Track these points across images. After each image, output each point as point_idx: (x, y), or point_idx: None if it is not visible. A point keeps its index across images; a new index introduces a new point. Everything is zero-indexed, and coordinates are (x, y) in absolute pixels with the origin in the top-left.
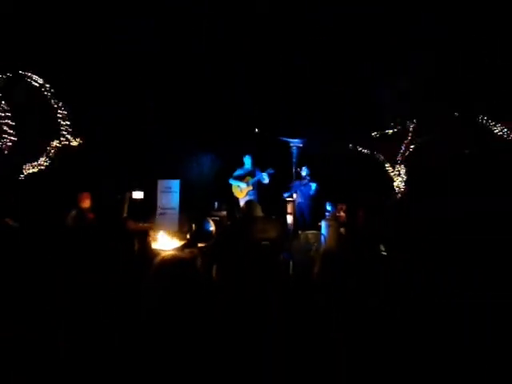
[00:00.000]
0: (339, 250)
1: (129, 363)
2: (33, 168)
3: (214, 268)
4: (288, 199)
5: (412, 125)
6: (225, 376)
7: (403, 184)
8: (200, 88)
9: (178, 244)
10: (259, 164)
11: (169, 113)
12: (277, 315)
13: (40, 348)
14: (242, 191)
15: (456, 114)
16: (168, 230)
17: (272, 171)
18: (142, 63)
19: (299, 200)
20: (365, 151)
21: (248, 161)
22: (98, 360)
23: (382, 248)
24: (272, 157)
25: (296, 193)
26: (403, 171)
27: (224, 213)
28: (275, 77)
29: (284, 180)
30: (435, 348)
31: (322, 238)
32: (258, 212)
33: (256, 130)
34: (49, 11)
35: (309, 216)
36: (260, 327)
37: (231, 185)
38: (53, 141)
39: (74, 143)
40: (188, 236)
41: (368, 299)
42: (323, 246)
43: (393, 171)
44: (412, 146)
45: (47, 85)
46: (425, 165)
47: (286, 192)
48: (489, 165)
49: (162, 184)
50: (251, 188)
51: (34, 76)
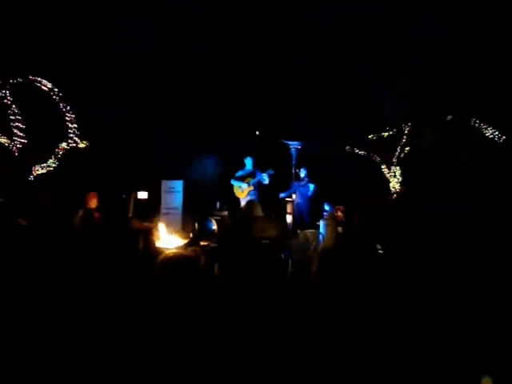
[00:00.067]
0: (337, 249)
1: (124, 362)
2: (42, 169)
3: (216, 266)
4: (287, 199)
5: (407, 127)
6: (225, 375)
7: (399, 185)
8: (200, 88)
9: (181, 242)
10: (259, 165)
11: (169, 113)
12: (277, 314)
13: (30, 348)
14: (243, 191)
15: (449, 118)
16: (171, 229)
17: (272, 172)
18: (142, 63)
19: (298, 200)
20: (361, 153)
21: (249, 162)
22: (91, 360)
23: (379, 247)
24: (272, 158)
25: (295, 193)
26: (398, 172)
27: (226, 212)
28: (275, 77)
29: (283, 181)
30: (435, 348)
31: (320, 237)
32: (259, 212)
33: (257, 133)
34: (49, 11)
35: (307, 216)
36: (260, 326)
37: (233, 185)
38: (61, 143)
39: (82, 145)
40: (191, 235)
41: (366, 298)
42: (321, 245)
43: (389, 172)
44: (407, 148)
45: (56, 89)
46: (420, 166)
47: (283, 192)
48: (481, 167)
49: (166, 184)
50: (252, 188)
51: (44, 80)
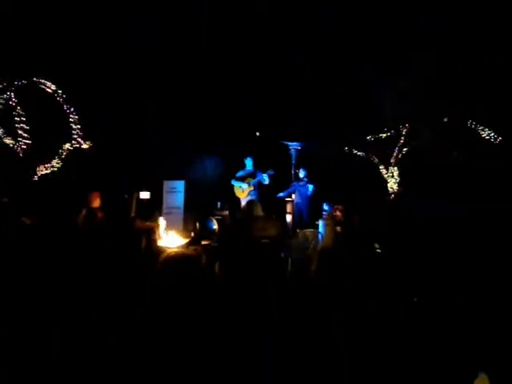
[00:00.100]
0: (335, 248)
1: (126, 362)
2: (46, 169)
3: (217, 265)
4: (287, 199)
5: (405, 129)
6: (225, 375)
7: (396, 185)
8: (200, 88)
9: (183, 241)
10: (260, 166)
11: (169, 113)
12: (277, 313)
13: (33, 348)
14: (244, 191)
15: (445, 120)
16: (173, 228)
17: (272, 172)
18: (142, 63)
19: (297, 200)
20: (360, 153)
21: (249, 163)
22: (93, 359)
23: (377, 246)
24: (272, 159)
25: (294, 193)
26: (396, 173)
27: (226, 212)
28: (275, 77)
29: (283, 181)
30: (435, 347)
31: (319, 236)
32: (259, 211)
33: (257, 134)
34: (49, 11)
35: (307, 215)
36: (260, 325)
37: (233, 185)
38: (65, 144)
39: (85, 146)
40: (192, 234)
41: (365, 298)
42: (320, 244)
43: (386, 173)
44: (405, 149)
45: (60, 91)
46: (417, 167)
47: (281, 192)
48: (477, 167)
49: (168, 184)
50: (252, 188)
51: (48, 82)
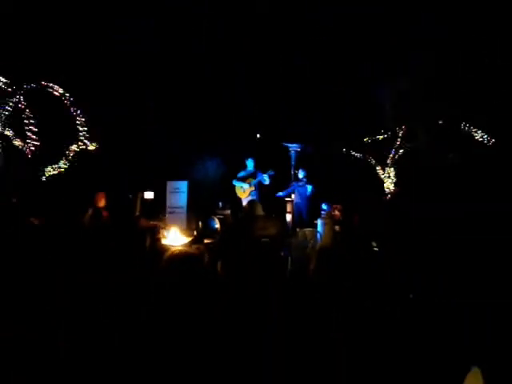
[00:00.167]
0: (334, 247)
1: (130, 362)
2: (53, 170)
3: (219, 263)
4: (287, 199)
5: (401, 130)
6: (226, 374)
7: (393, 185)
8: (200, 88)
9: (186, 240)
10: (260, 166)
11: (169, 113)
12: (277, 311)
13: (40, 348)
14: (245, 191)
15: (440, 122)
16: (177, 227)
17: (272, 173)
18: (142, 63)
19: (297, 200)
20: (357, 154)
21: (250, 163)
22: (99, 359)
23: (374, 244)
24: (272, 160)
25: (294, 193)
26: (393, 173)
27: (228, 211)
28: (275, 77)
29: (283, 181)
30: (434, 347)
31: (318, 235)
32: (259, 211)
33: (258, 136)
34: (49, 11)
35: (306, 215)
36: (261, 323)
37: (235, 186)
38: (72, 145)
39: (91, 147)
40: (195, 233)
41: (363, 297)
42: (319, 243)
43: (383, 173)
44: (401, 150)
45: (67, 94)
46: (413, 167)
47: (281, 192)
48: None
49: (171, 185)
50: (253, 188)
51: (55, 86)
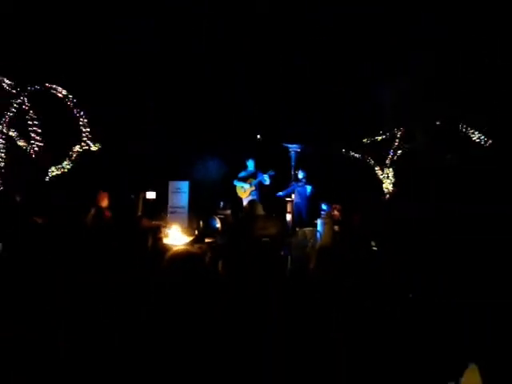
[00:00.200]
0: (333, 246)
1: (130, 362)
2: (57, 170)
3: (220, 262)
4: (287, 199)
5: (399, 131)
6: (226, 374)
7: (391, 186)
8: (200, 88)
9: (187, 239)
10: (261, 167)
11: (169, 113)
12: (277, 311)
13: (40, 348)
14: (245, 191)
15: (438, 123)
16: (178, 227)
17: (273, 173)
18: (142, 63)
19: (297, 200)
20: (356, 155)
21: (251, 164)
22: (99, 359)
23: (373, 244)
24: (272, 160)
25: (294, 193)
26: (391, 174)
27: (229, 211)
28: (275, 77)
29: (283, 181)
30: (434, 346)
31: (318, 235)
32: (260, 211)
33: (258, 137)
34: (49, 11)
35: (306, 215)
36: (261, 322)
37: (235, 186)
38: (75, 146)
39: (94, 148)
40: (196, 232)
41: (362, 297)
42: (319, 242)
43: (382, 174)
44: (399, 151)
45: (70, 95)
46: (411, 168)
47: (281, 192)
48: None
49: (173, 185)
50: (253, 188)
51: (59, 88)
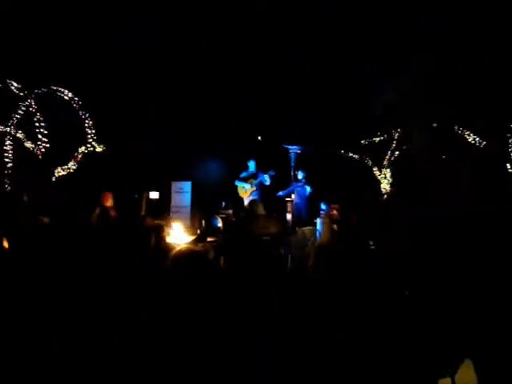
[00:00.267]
0: (332, 245)
1: (127, 361)
2: (63, 171)
3: (222, 259)
4: (287, 199)
5: (397, 133)
6: (228, 373)
7: (389, 186)
8: (200, 88)
9: (190, 238)
10: (261, 167)
11: (169, 113)
12: (278, 310)
13: (35, 348)
14: (246, 191)
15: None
16: (181, 226)
17: (273, 173)
18: (142, 63)
19: (297, 200)
20: (355, 156)
21: (252, 164)
22: (95, 359)
23: (371, 243)
24: (273, 161)
25: (293, 193)
26: (389, 174)
27: (230, 211)
28: (275, 77)
29: (283, 182)
30: (433, 345)
31: (317, 234)
32: (261, 210)
33: (259, 138)
34: (49, 11)
35: (305, 214)
36: (262, 322)
37: (237, 186)
38: (80, 147)
39: (99, 149)
40: (198, 231)
41: (362, 295)
42: (318, 241)
43: (380, 174)
44: (397, 152)
45: (76, 98)
46: (409, 168)
47: (281, 191)
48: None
49: (176, 185)
50: (254, 189)
51: (65, 90)
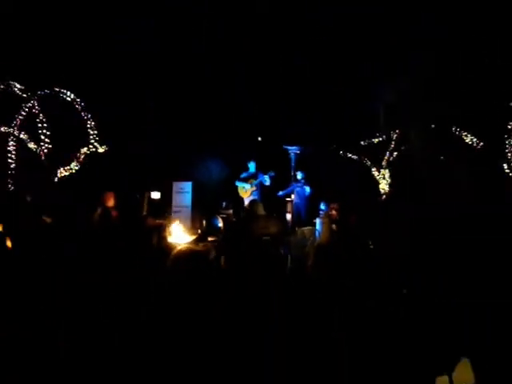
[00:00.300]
0: (331, 245)
1: (128, 360)
2: (65, 172)
3: (223, 259)
4: (287, 199)
5: (395, 134)
6: (228, 372)
7: (388, 186)
8: (200, 88)
9: (191, 238)
10: (261, 168)
11: (169, 113)
12: (278, 310)
13: (39, 348)
14: (247, 192)
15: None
16: (182, 226)
17: (273, 174)
18: (142, 63)
19: (296, 200)
20: (354, 157)
21: (252, 165)
22: (99, 358)
23: (369, 242)
24: (273, 161)
25: (293, 193)
26: (387, 175)
27: (231, 211)
28: (275, 77)
29: (283, 182)
30: (433, 346)
31: (317, 234)
32: (261, 210)
33: (259, 139)
34: (50, 12)
35: (305, 214)
36: (262, 322)
37: (237, 186)
38: (82, 148)
39: (101, 150)
40: (199, 231)
41: (361, 295)
42: (317, 241)
43: (378, 175)
44: (395, 153)
45: (78, 99)
46: (407, 169)
47: (281, 191)
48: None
49: (177, 185)
50: (254, 189)
51: (68, 92)
